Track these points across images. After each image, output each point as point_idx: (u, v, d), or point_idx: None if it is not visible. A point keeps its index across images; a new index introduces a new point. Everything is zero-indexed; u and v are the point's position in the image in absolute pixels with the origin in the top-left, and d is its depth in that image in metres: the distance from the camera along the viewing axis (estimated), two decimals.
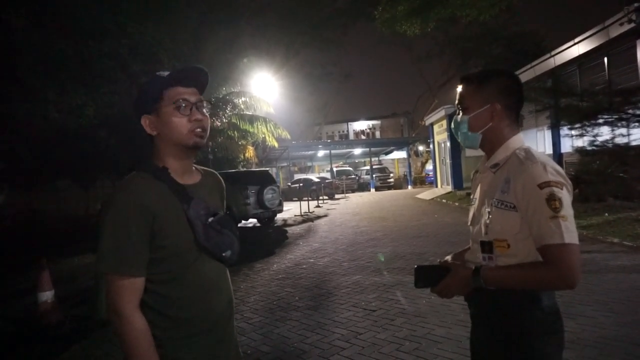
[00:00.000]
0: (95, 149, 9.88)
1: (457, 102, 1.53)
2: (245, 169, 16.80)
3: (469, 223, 1.58)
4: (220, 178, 1.56)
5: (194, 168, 1.44)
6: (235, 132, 16.26)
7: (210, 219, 1.32)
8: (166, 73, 1.34)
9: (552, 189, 1.25)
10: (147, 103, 1.32)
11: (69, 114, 8.69)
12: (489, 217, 1.39)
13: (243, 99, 16.32)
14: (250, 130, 16.22)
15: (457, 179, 19.85)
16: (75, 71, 8.25)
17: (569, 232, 1.23)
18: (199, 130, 1.33)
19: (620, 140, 8.07)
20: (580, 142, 9.11)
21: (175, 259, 1.26)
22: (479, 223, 1.45)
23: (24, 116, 8.10)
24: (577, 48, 10.94)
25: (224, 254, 1.34)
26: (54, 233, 9.64)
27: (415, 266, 1.50)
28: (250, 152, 18.13)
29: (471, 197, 1.64)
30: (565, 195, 1.27)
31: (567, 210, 1.25)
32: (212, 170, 1.56)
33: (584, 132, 8.52)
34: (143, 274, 1.23)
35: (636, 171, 8.00)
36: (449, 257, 1.61)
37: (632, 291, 4.58)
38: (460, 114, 1.51)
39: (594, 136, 8.34)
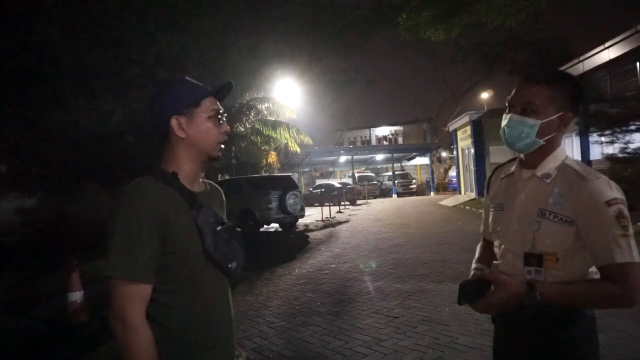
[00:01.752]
0: (122, 154, 10.12)
1: (522, 100, 1.36)
2: (267, 174, 16.93)
3: (493, 230, 1.51)
4: (222, 191, 1.53)
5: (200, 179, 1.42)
6: (258, 138, 16.42)
7: (218, 228, 1.29)
8: (199, 83, 1.37)
9: (620, 207, 1.23)
10: (180, 105, 1.30)
11: (98, 120, 8.93)
12: (538, 228, 1.32)
13: (266, 104, 16.47)
14: (273, 135, 16.36)
15: (481, 186, 19.51)
16: (105, 79, 8.48)
17: (636, 250, 1.21)
18: (224, 142, 1.37)
19: None
20: (611, 149, 8.85)
21: (183, 266, 1.22)
22: (519, 233, 1.37)
23: (55, 123, 8.36)
24: (608, 53, 10.67)
25: (229, 265, 1.31)
26: (81, 236, 9.90)
27: (461, 282, 1.39)
28: (272, 157, 18.27)
29: (488, 201, 1.56)
30: (628, 213, 1.24)
31: (631, 228, 1.23)
32: (214, 183, 1.53)
33: (614, 139, 8.29)
34: (152, 281, 1.18)
35: None
36: (480, 266, 1.55)
37: None
38: (525, 114, 1.35)
39: (625, 143, 8.11)
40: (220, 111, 1.36)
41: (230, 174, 16.10)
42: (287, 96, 18.40)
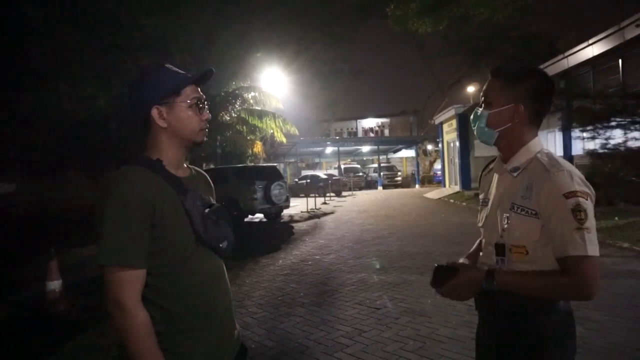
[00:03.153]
0: (105, 140, 9.95)
1: (481, 93, 1.46)
2: (253, 164, 16.82)
3: (480, 224, 1.54)
4: (207, 175, 1.57)
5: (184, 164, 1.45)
6: (244, 127, 16.29)
7: (206, 210, 1.32)
8: (180, 70, 1.36)
9: (578, 200, 1.23)
10: (160, 94, 1.31)
11: (80, 104, 8.75)
12: (507, 221, 1.35)
13: (252, 93, 16.32)
14: (259, 125, 16.23)
15: (466, 179, 19.74)
16: (88, 62, 8.30)
17: (592, 244, 1.22)
18: (206, 129, 1.39)
19: (633, 144, 7.97)
20: (592, 145, 9.00)
21: (174, 250, 1.25)
22: (495, 226, 1.41)
23: (36, 106, 8.17)
24: (592, 49, 10.81)
25: (220, 245, 1.34)
26: (62, 223, 9.74)
27: (436, 265, 1.44)
28: (258, 147, 18.14)
29: (480, 197, 1.60)
30: (590, 206, 1.24)
31: (591, 221, 1.24)
32: (199, 169, 1.56)
33: (596, 134, 8.42)
34: (145, 266, 1.21)
35: None
36: (463, 260, 1.58)
37: None
38: (482, 106, 1.44)
39: (606, 139, 8.25)
40: (202, 99, 1.37)
41: (216, 164, 15.97)
42: (274, 86, 18.25)
